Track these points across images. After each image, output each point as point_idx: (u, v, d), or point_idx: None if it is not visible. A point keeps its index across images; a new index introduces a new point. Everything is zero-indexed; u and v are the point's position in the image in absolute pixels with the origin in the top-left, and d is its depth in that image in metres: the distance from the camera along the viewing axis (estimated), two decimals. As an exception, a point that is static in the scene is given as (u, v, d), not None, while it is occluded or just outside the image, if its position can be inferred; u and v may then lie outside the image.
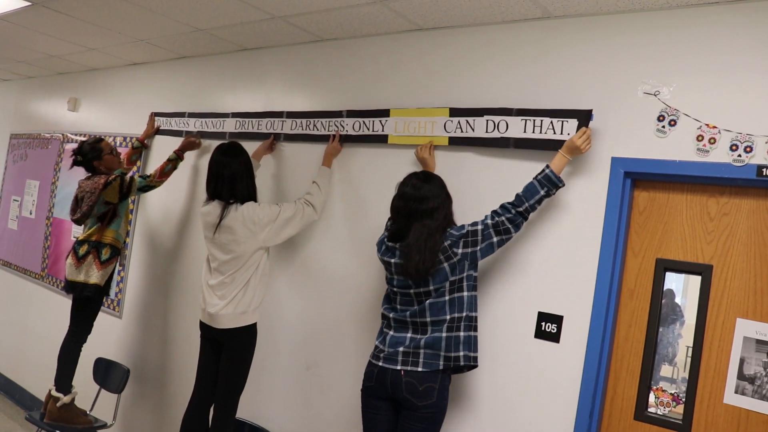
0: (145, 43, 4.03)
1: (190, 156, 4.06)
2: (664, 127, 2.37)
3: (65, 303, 4.41)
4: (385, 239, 2.64)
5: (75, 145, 4.66)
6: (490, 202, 2.63)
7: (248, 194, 3.08)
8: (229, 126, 3.85)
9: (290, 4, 2.99)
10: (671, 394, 2.38)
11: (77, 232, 4.63)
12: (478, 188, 2.77)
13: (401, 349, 2.50)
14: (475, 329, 2.51)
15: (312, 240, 3.36)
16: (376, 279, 3.07)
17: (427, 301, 2.48)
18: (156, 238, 4.32)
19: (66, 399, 3.70)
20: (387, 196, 2.99)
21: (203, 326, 3.17)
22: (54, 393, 3.72)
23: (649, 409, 2.41)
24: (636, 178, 2.48)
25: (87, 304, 3.79)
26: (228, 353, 3.08)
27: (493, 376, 2.65)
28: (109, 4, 3.35)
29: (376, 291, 3.07)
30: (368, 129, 3.15)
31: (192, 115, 4.10)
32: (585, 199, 2.51)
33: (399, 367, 2.48)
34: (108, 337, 4.36)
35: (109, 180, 3.66)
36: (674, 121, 2.35)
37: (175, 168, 3.95)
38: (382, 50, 3.22)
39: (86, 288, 3.69)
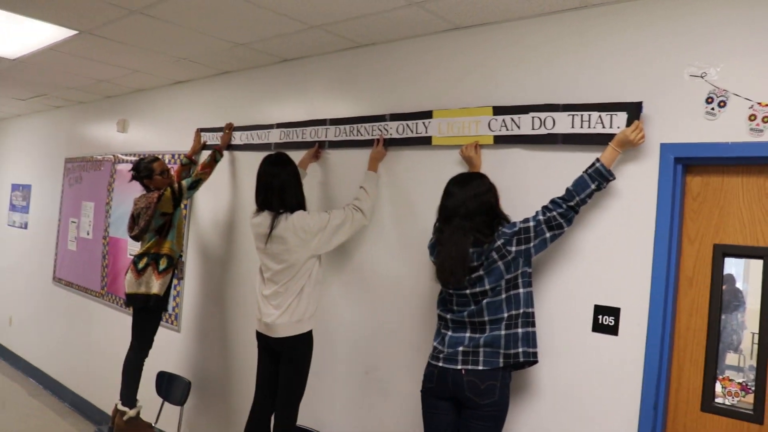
0: (186, 62, 4.13)
1: (231, 165, 4.16)
2: (713, 109, 2.31)
3: (125, 319, 4.54)
4: (434, 242, 2.65)
5: (128, 165, 4.83)
6: (539, 197, 2.62)
7: (297, 203, 3.12)
8: (274, 137, 3.91)
9: (326, 13, 3.02)
10: (739, 383, 2.32)
11: (133, 249, 4.77)
12: (526, 184, 2.75)
13: (461, 348, 2.50)
14: (533, 325, 2.50)
15: (363, 245, 3.38)
16: (428, 280, 3.06)
17: (484, 301, 2.49)
18: (208, 250, 4.42)
19: (132, 412, 3.82)
20: (434, 198, 2.99)
21: (260, 336, 3.22)
22: (120, 407, 3.83)
23: (717, 400, 2.34)
24: (687, 164, 2.42)
25: (149, 317, 3.91)
26: (286, 362, 3.12)
27: (553, 371, 2.63)
28: (150, 26, 3.44)
29: (429, 292, 3.07)
30: (412, 131, 3.16)
31: (237, 128, 4.17)
32: (635, 188, 2.47)
33: (459, 367, 2.49)
34: (168, 351, 4.47)
35: (161, 193, 3.81)
36: (723, 102, 2.29)
37: (215, 160, 4.07)
38: (420, 51, 3.22)
39: (148, 299, 3.82)
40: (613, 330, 2.49)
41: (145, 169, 3.93)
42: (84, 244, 5.75)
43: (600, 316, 2.53)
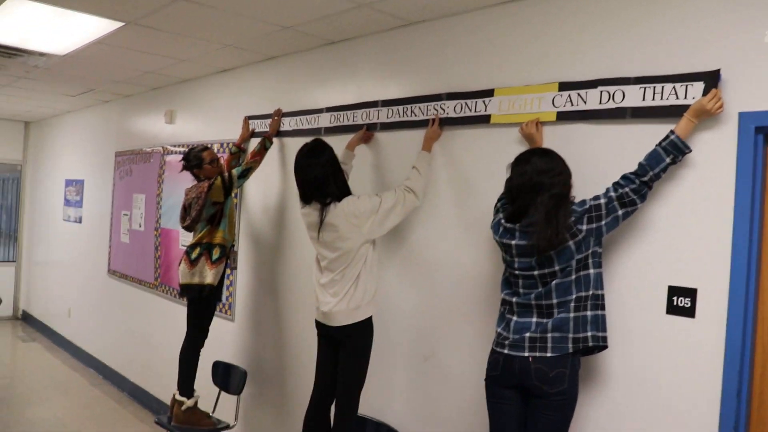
0: (232, 48, 4.08)
1: (281, 152, 4.15)
2: (800, 73, 2.14)
3: (180, 310, 4.57)
4: (502, 220, 2.54)
5: (177, 156, 4.83)
6: (605, 174, 2.49)
7: (339, 192, 3.06)
8: (324, 121, 3.85)
9: (376, -10, 2.93)
10: (831, 366, 2.16)
11: (185, 240, 4.78)
12: (591, 161, 2.60)
13: (527, 334, 2.40)
14: (603, 308, 2.38)
15: (418, 228, 3.29)
16: (489, 263, 2.97)
17: (553, 282, 2.38)
18: (260, 239, 4.39)
19: (189, 402, 3.83)
20: (493, 177, 2.93)
21: (319, 325, 3.17)
22: (178, 397, 3.85)
23: (807, 384, 2.20)
24: (765, 133, 2.26)
25: (203, 307, 3.91)
26: (346, 350, 3.07)
27: (625, 356, 2.50)
28: (195, 13, 3.40)
29: (489, 275, 2.97)
30: (470, 110, 3.05)
31: (286, 114, 4.12)
32: (711, 160, 2.31)
33: (527, 354, 2.39)
34: (223, 340, 4.48)
35: (212, 182, 3.79)
36: (812, 66, 2.12)
37: (265, 147, 4.02)
38: (475, 27, 3.09)
39: (203, 289, 3.81)
40: (689, 312, 2.35)
41: (195, 159, 3.91)
42: (136, 237, 5.80)
43: (675, 298, 2.38)
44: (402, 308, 3.37)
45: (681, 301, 2.37)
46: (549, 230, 2.32)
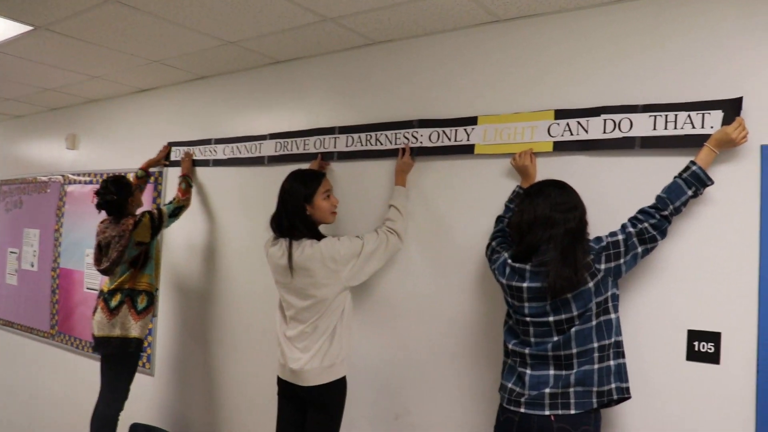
0: (159, 65, 3.60)
1: (212, 183, 3.73)
2: (823, 105, 2.06)
3: (82, 362, 3.97)
4: (509, 260, 2.27)
5: (82, 187, 4.23)
6: (609, 209, 2.33)
7: (315, 231, 2.71)
8: (268, 149, 3.45)
9: (349, 3, 2.61)
10: None
11: (91, 282, 4.16)
12: (592, 195, 2.37)
13: (547, 390, 2.12)
14: (623, 355, 2.16)
15: (388, 270, 2.95)
16: (471, 308, 2.71)
17: (573, 330, 2.12)
18: (184, 281, 3.88)
19: (107, 476, 3.25)
20: (476, 212, 2.69)
21: (284, 384, 2.75)
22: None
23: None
24: (790, 167, 2.15)
25: (124, 364, 3.35)
26: (316, 413, 2.67)
27: (643, 407, 2.28)
28: (126, 20, 2.93)
29: (471, 322, 2.71)
30: (449, 139, 2.79)
31: (220, 141, 3.69)
32: (733, 194, 2.17)
33: (548, 412, 2.11)
34: (141, 398, 3.87)
35: (138, 219, 3.29)
36: (837, 97, 2.04)
37: (189, 185, 3.65)
38: (454, 49, 2.85)
39: (128, 344, 3.28)
40: (713, 358, 2.18)
41: (126, 187, 3.41)
42: (27, 278, 5.03)
43: (696, 342, 2.21)
44: (369, 360, 3.01)
45: (703, 347, 2.20)
46: (567, 269, 2.08)
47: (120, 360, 3.36)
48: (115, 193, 3.35)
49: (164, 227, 3.42)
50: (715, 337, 2.18)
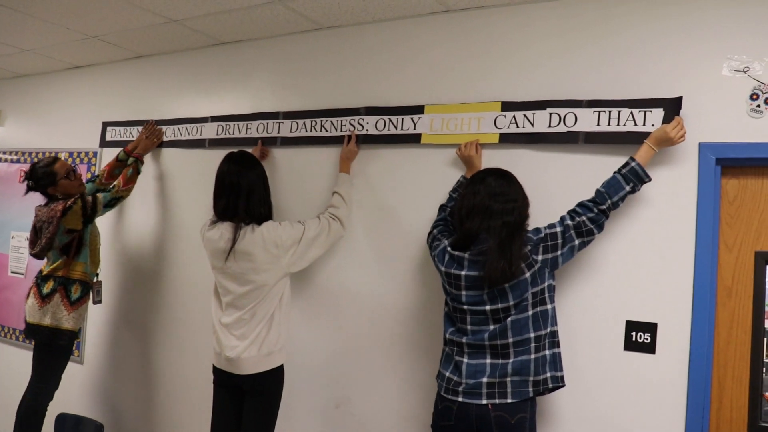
0: (96, 41, 3.45)
1: (154, 164, 3.57)
2: (759, 106, 2.14)
3: (7, 350, 3.77)
4: (448, 248, 2.27)
5: (9, 166, 4.02)
6: (552, 201, 2.37)
7: (266, 213, 2.63)
8: (209, 132, 3.36)
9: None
10: (788, 399, 2.16)
11: (16, 266, 3.97)
12: (536, 188, 2.40)
13: (484, 380, 2.14)
14: (558, 345, 2.20)
15: (331, 259, 2.92)
16: (411, 297, 2.72)
17: (509, 319, 2.14)
18: (121, 265, 3.73)
19: (32, 469, 3.10)
20: (420, 201, 2.70)
21: (219, 372, 2.67)
22: (15, 464, 3.10)
23: (765, 419, 2.17)
24: (725, 165, 2.24)
25: (55, 354, 3.19)
26: (253, 401, 2.61)
27: (578, 395, 2.34)
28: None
29: (410, 310, 2.72)
30: (396, 128, 2.77)
31: (159, 122, 3.56)
32: (670, 191, 2.25)
33: (485, 401, 2.12)
34: (69, 387, 3.68)
35: (68, 205, 3.08)
36: (771, 99, 2.13)
37: (138, 172, 3.42)
38: (403, 37, 2.84)
39: (59, 335, 3.12)
40: (649, 348, 2.25)
41: (45, 176, 3.15)
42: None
43: (633, 333, 2.28)
44: (309, 348, 2.97)
45: (640, 337, 2.27)
46: (503, 261, 2.09)
47: (50, 350, 3.18)
48: (33, 180, 3.17)
49: (98, 214, 3.23)
50: (651, 328, 2.25)
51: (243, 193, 2.56)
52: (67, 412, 3.47)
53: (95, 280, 3.37)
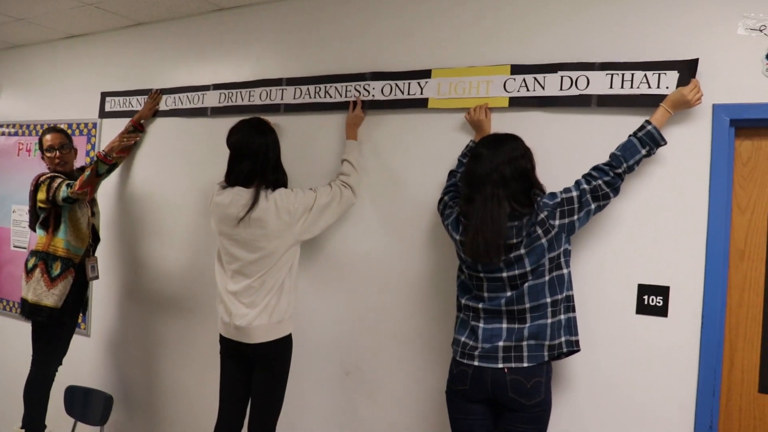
0: (93, 8, 3.37)
1: (155, 134, 3.53)
2: (775, 66, 2.11)
3: (11, 324, 3.76)
4: (462, 217, 2.25)
5: (8, 139, 3.97)
6: (565, 165, 2.34)
7: (281, 180, 2.60)
8: (211, 100, 3.31)
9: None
10: (799, 360, 2.17)
11: (18, 240, 3.95)
12: (548, 151, 2.38)
13: (500, 344, 2.14)
14: (574, 309, 2.19)
15: (339, 226, 2.89)
16: (421, 263, 2.70)
17: (526, 285, 2.13)
18: (123, 238, 3.70)
19: (38, 441, 3.11)
20: (429, 167, 2.67)
21: (227, 342, 2.67)
22: (21, 437, 3.11)
23: (777, 380, 2.19)
24: (739, 126, 2.21)
25: (45, 330, 3.18)
26: (263, 371, 2.61)
27: (591, 360, 2.34)
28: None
29: (421, 277, 2.70)
30: (402, 92, 2.73)
31: (161, 91, 3.50)
32: (683, 154, 2.22)
33: (501, 365, 2.12)
34: (77, 361, 3.70)
35: (40, 180, 3.10)
36: (787, 58, 2.09)
37: (97, 174, 3.09)
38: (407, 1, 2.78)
39: (39, 311, 3.10)
40: (661, 311, 2.25)
41: (39, 144, 3.22)
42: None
43: (645, 297, 2.28)
44: (319, 316, 2.96)
45: (652, 300, 2.27)
46: (492, 243, 2.09)
47: (36, 325, 3.19)
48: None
49: (58, 203, 3.11)
50: (664, 291, 2.25)
51: (259, 159, 2.52)
52: (77, 384, 3.49)
53: (92, 256, 3.34)
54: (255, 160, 2.52)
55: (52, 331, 3.23)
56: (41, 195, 3.09)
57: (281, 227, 2.50)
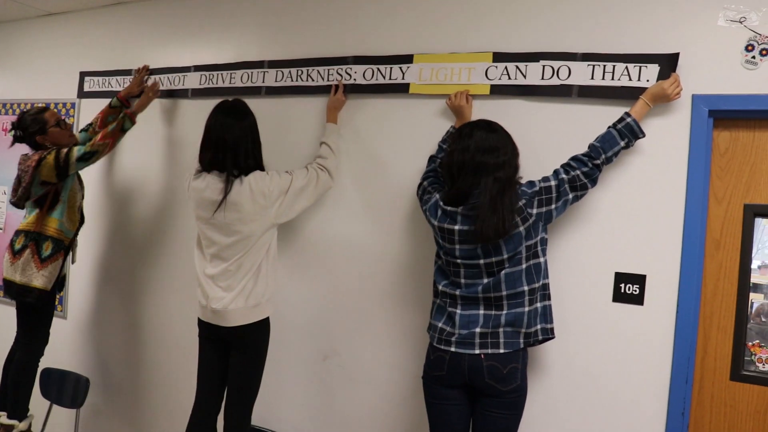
0: (72, -13, 3.32)
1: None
2: (754, 57, 2.13)
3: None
4: (440, 203, 2.24)
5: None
6: (544, 154, 2.36)
7: (255, 164, 2.57)
8: (192, 81, 3.27)
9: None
10: (770, 349, 2.21)
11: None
12: (528, 140, 2.38)
13: (477, 330, 2.15)
14: (549, 297, 2.21)
15: (319, 210, 2.89)
16: (401, 247, 2.70)
17: (502, 272, 2.14)
18: (101, 219, 3.66)
19: (22, 425, 3.07)
20: (409, 152, 2.66)
21: (205, 325, 2.66)
22: (5, 421, 3.07)
23: (747, 368, 2.22)
24: (717, 117, 2.23)
25: (33, 311, 3.13)
26: (240, 354, 2.60)
27: (567, 347, 2.37)
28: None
29: (399, 262, 2.71)
30: (384, 77, 2.72)
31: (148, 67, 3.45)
32: (662, 143, 2.24)
33: (478, 351, 2.14)
34: (53, 343, 3.61)
35: (43, 155, 3.00)
36: (766, 50, 2.11)
37: (123, 129, 3.14)
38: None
39: (28, 292, 3.04)
40: (637, 300, 2.27)
41: (34, 123, 3.06)
42: None
43: (622, 285, 2.30)
44: (297, 300, 2.96)
45: (629, 288, 2.29)
46: (494, 218, 2.07)
47: (25, 306, 3.13)
48: (21, 129, 3.07)
49: (72, 171, 3.06)
50: (640, 280, 2.27)
51: (229, 147, 2.49)
52: (53, 366, 3.46)
53: (75, 239, 3.29)
54: (229, 146, 2.49)
55: (41, 312, 3.18)
56: (47, 172, 2.99)
57: (257, 210, 2.49)
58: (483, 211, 2.08)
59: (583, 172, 2.17)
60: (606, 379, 2.31)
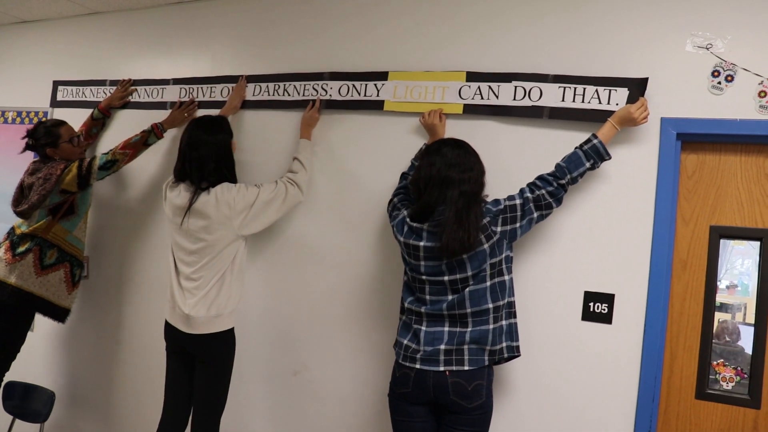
0: (48, -5, 3.30)
1: (111, 124, 3.45)
2: (719, 83, 2.18)
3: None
4: (407, 219, 2.26)
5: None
6: (514, 174, 2.38)
7: (223, 178, 2.60)
8: (171, 94, 3.26)
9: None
10: (734, 368, 2.23)
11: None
12: (498, 160, 2.42)
13: (442, 347, 2.15)
14: (515, 315, 2.22)
15: (290, 224, 2.89)
16: (371, 263, 2.71)
17: (467, 290, 2.15)
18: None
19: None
20: (383, 169, 2.68)
21: (170, 337, 2.65)
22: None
23: (712, 386, 2.25)
24: (684, 140, 2.28)
25: (15, 318, 3.07)
26: (204, 366, 2.58)
27: (535, 365, 2.38)
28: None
29: (370, 277, 2.71)
30: (359, 93, 2.73)
31: (116, 82, 3.44)
32: (631, 165, 2.28)
33: (443, 368, 2.14)
34: (18, 356, 3.59)
35: (66, 167, 2.97)
36: (731, 76, 2.17)
37: (146, 143, 3.04)
38: (370, 0, 2.78)
39: (17, 294, 3.00)
40: (606, 318, 2.30)
41: (47, 135, 3.04)
42: None
43: (591, 303, 2.32)
44: (266, 314, 2.94)
45: (598, 307, 2.31)
46: (460, 231, 2.08)
47: (12, 313, 3.06)
48: (33, 138, 3.06)
49: (94, 180, 3.01)
50: (609, 299, 2.30)
51: (194, 159, 2.54)
52: (16, 380, 3.38)
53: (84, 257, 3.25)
54: (194, 159, 2.54)
55: (23, 318, 3.12)
56: (70, 182, 2.95)
57: (221, 220, 2.51)
58: (449, 224, 2.09)
59: (549, 192, 2.20)
60: (573, 397, 2.32)
